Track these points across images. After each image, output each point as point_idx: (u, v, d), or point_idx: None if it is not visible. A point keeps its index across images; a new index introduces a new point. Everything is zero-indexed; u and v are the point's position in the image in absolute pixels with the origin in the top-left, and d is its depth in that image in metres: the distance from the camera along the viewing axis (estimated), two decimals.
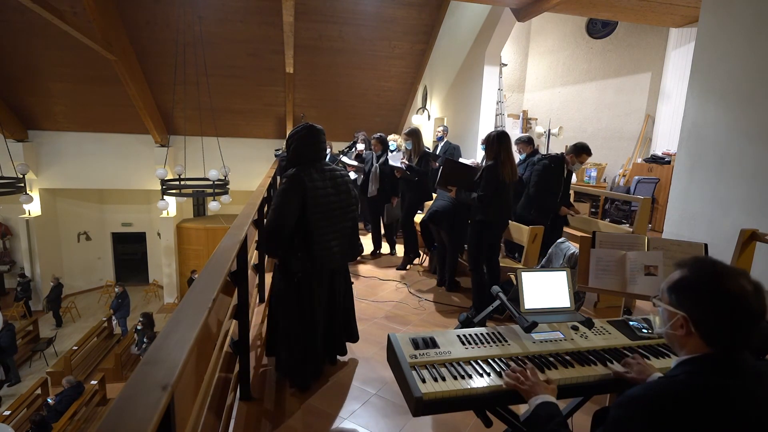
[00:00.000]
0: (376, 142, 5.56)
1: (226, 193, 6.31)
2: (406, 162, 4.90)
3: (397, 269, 5.03)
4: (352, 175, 6.22)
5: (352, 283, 2.93)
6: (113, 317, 10.04)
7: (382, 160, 5.48)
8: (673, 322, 1.06)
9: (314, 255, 2.46)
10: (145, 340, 8.60)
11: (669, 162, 6.94)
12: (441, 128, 6.77)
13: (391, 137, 6.68)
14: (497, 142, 3.44)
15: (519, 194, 4.36)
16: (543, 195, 4.16)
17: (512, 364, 1.50)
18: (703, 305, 1.02)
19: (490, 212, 3.50)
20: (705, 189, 3.32)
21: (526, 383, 1.35)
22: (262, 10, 7.77)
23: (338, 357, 2.90)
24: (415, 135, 4.92)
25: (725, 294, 0.99)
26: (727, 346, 1.01)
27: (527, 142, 5.08)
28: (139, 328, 8.97)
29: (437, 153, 6.61)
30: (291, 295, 2.50)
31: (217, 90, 8.43)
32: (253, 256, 3.51)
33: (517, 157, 5.07)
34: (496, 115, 7.31)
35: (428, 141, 9.02)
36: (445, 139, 6.69)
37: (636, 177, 7.23)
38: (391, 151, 6.54)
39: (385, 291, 4.38)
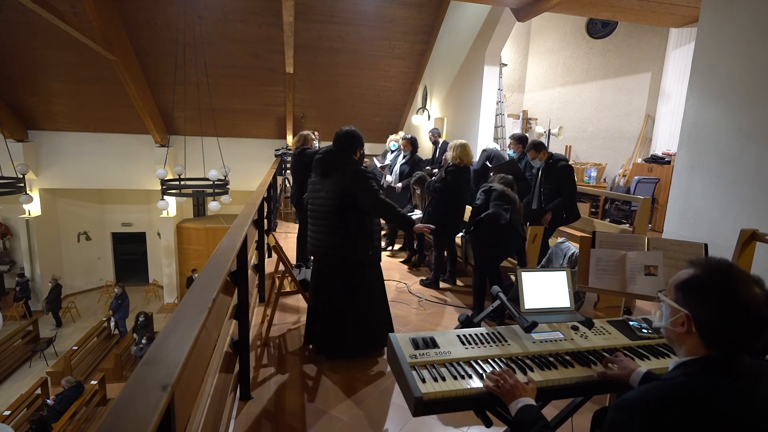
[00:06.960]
0: (406, 143, 5.75)
1: (226, 193, 6.30)
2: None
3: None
4: None
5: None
6: (112, 318, 10.03)
7: (404, 160, 5.73)
8: (675, 319, 1.05)
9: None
10: (144, 341, 8.59)
11: (669, 162, 6.94)
12: (431, 132, 6.52)
13: (392, 137, 6.67)
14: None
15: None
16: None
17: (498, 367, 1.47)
18: (710, 308, 0.99)
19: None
20: (705, 189, 3.32)
21: (506, 386, 1.31)
22: (262, 10, 7.77)
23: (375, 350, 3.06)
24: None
25: (737, 300, 0.96)
26: (728, 350, 0.99)
27: (518, 140, 4.87)
28: (138, 328, 8.97)
29: (436, 157, 6.55)
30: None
31: (217, 90, 8.43)
32: (253, 256, 3.51)
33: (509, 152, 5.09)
34: (496, 115, 7.28)
35: (428, 144, 9.02)
36: (441, 142, 6.46)
37: (636, 177, 7.23)
38: (392, 151, 6.51)
39: None
